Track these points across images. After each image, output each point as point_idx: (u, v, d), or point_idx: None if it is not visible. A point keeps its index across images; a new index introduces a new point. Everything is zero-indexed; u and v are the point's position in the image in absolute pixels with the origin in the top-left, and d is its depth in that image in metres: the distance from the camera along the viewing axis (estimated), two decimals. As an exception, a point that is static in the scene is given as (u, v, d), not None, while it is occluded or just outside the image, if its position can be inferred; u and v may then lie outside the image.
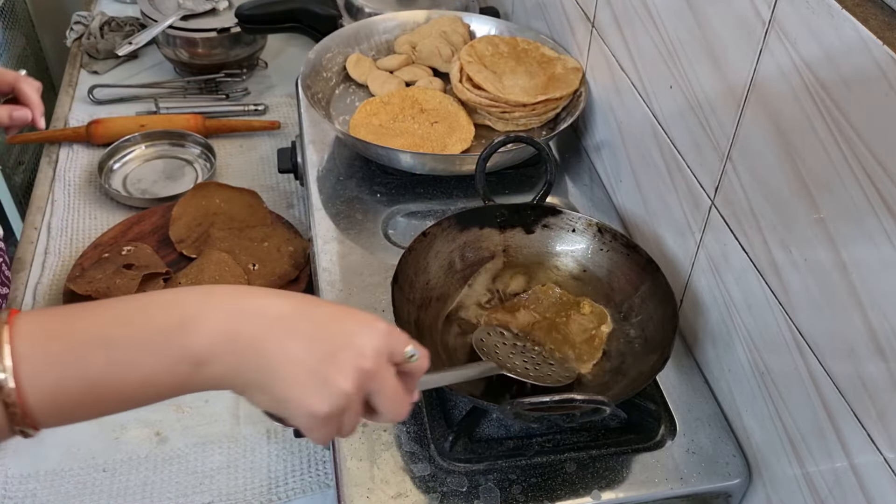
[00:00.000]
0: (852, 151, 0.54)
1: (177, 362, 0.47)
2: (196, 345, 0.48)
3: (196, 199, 1.17)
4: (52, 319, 0.47)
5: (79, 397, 0.46)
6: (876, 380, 0.54)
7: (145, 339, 0.47)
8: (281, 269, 1.08)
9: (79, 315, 0.48)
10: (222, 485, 0.86)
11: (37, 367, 0.45)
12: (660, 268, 0.77)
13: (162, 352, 0.47)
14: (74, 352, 0.46)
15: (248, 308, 0.50)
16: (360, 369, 0.49)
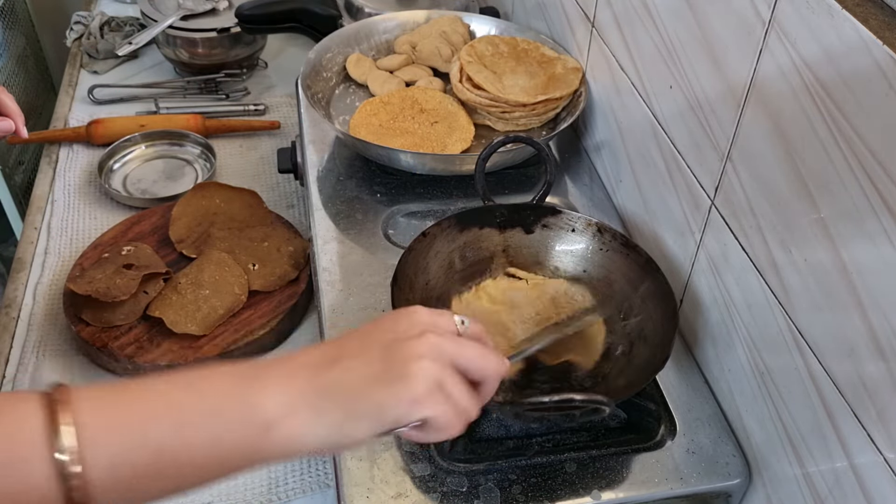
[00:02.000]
0: (852, 151, 0.54)
1: (246, 425, 0.44)
2: (262, 404, 0.45)
3: (196, 199, 1.17)
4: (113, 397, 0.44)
5: (142, 469, 0.42)
6: (876, 380, 0.54)
7: (212, 405, 0.44)
8: (281, 270, 1.08)
9: (140, 388, 0.45)
10: (222, 484, 0.86)
11: (97, 439, 0.41)
12: (660, 268, 0.78)
13: (231, 417, 0.44)
14: (142, 434, 0.42)
15: (296, 364, 0.47)
16: (425, 343, 0.47)
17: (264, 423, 0.44)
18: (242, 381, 0.46)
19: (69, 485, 0.40)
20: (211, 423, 0.44)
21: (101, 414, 0.42)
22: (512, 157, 0.97)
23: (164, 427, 0.43)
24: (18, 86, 1.75)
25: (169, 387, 0.45)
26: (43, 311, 1.06)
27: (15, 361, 0.96)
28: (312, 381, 0.46)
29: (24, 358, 0.97)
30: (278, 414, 0.45)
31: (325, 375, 0.46)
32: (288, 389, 0.46)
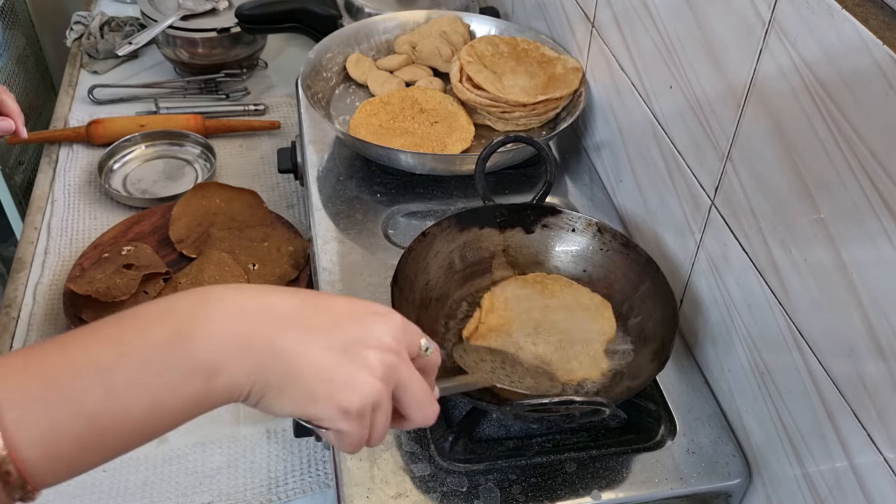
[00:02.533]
0: (852, 151, 0.54)
1: (184, 378, 0.41)
2: (201, 354, 0.42)
3: (196, 199, 1.17)
4: (30, 357, 0.40)
5: (79, 440, 0.39)
6: (876, 380, 0.54)
7: (143, 357, 0.41)
8: (281, 270, 1.08)
9: (59, 347, 0.41)
10: (222, 485, 0.86)
11: (23, 416, 0.37)
12: (660, 268, 0.77)
13: (165, 369, 0.41)
14: (63, 387, 0.39)
15: (251, 307, 0.44)
16: (385, 361, 0.46)
17: (205, 373, 0.42)
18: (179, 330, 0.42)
19: (3, 470, 0.37)
20: (146, 384, 0.40)
21: (21, 390, 0.38)
22: (512, 157, 0.97)
23: (95, 394, 0.39)
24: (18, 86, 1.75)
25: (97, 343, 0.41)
26: (43, 311, 1.06)
27: (15, 361, 0.96)
28: (261, 340, 0.43)
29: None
30: (217, 363, 0.42)
31: (275, 339, 0.44)
32: (231, 341, 0.42)
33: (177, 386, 0.41)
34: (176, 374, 0.41)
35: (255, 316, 0.44)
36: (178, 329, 0.42)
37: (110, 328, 0.43)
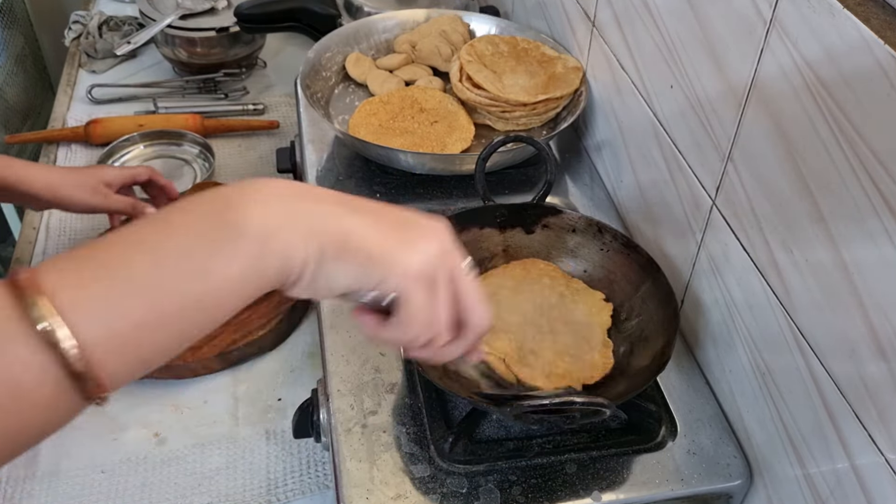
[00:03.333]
0: (854, 151, 0.54)
1: (236, 242, 0.39)
2: (254, 218, 0.39)
3: None
4: (79, 247, 0.38)
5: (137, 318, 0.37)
6: (877, 380, 0.54)
7: (191, 227, 0.39)
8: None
9: (108, 237, 0.39)
10: (221, 486, 0.86)
11: (78, 296, 0.36)
12: (660, 268, 0.77)
13: (216, 234, 0.39)
14: (114, 264, 0.37)
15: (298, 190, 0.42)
16: (440, 242, 0.45)
17: (256, 237, 0.40)
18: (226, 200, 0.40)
19: (63, 354, 0.34)
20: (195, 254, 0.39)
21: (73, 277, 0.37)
22: (512, 157, 0.97)
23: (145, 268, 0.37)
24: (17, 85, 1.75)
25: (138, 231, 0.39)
26: (41, 312, 1.05)
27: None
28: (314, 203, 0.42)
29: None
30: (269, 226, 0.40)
31: (326, 203, 0.42)
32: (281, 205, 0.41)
33: (229, 251, 0.39)
34: (227, 238, 0.39)
35: (304, 193, 0.42)
36: (226, 201, 0.40)
37: (158, 214, 0.41)
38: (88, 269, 0.37)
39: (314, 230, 0.41)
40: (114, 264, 0.37)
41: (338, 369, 0.76)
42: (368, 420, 0.72)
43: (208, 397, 0.94)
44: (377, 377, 0.75)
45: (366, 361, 0.77)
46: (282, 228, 0.40)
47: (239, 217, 0.39)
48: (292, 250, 0.41)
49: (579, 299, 0.79)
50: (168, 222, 0.40)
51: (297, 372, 0.97)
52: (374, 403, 0.73)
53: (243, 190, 0.41)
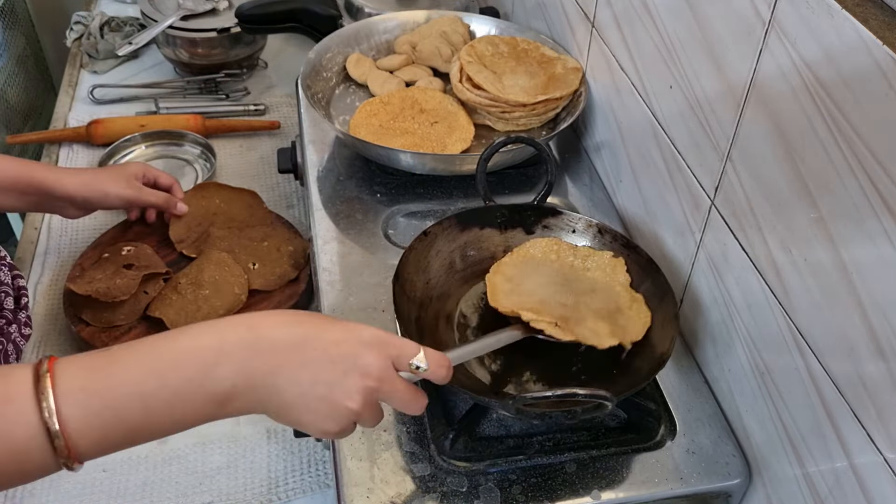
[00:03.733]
0: (852, 151, 0.54)
1: (204, 404, 0.54)
2: (219, 389, 0.54)
3: (196, 200, 1.17)
4: (91, 375, 0.53)
5: (119, 442, 0.53)
6: (876, 380, 0.55)
7: (175, 389, 0.53)
8: (281, 269, 1.08)
9: (114, 368, 0.53)
10: (222, 485, 0.86)
11: (82, 424, 0.51)
12: (660, 268, 0.78)
13: (191, 398, 0.54)
14: (115, 408, 0.52)
15: (262, 345, 0.55)
16: (366, 388, 0.56)
17: (219, 401, 0.55)
18: (205, 370, 0.54)
19: (52, 438, 0.50)
20: (174, 408, 0.54)
21: (83, 407, 0.51)
22: (512, 158, 0.97)
23: (136, 414, 0.53)
24: (18, 86, 1.75)
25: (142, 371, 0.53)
26: (43, 311, 1.06)
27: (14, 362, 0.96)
28: (264, 379, 0.55)
29: (25, 358, 0.97)
30: (231, 395, 0.55)
31: (275, 377, 0.55)
32: (243, 380, 0.55)
33: (198, 408, 0.54)
34: (198, 403, 0.54)
35: (263, 353, 0.55)
36: (204, 369, 0.54)
37: (154, 360, 0.54)
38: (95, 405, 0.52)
39: (262, 399, 0.55)
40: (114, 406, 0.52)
41: (338, 368, 0.76)
42: (369, 419, 0.72)
43: (209, 397, 0.94)
44: (378, 376, 0.76)
45: (366, 361, 0.77)
46: (238, 396, 0.55)
47: (209, 386, 0.54)
48: (246, 409, 0.56)
49: (591, 264, 0.80)
50: (161, 376, 0.53)
51: (298, 371, 0.97)
52: (374, 402, 0.73)
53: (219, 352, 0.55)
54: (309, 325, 0.57)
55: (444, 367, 0.59)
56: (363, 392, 0.56)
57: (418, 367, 0.58)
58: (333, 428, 0.56)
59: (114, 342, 0.96)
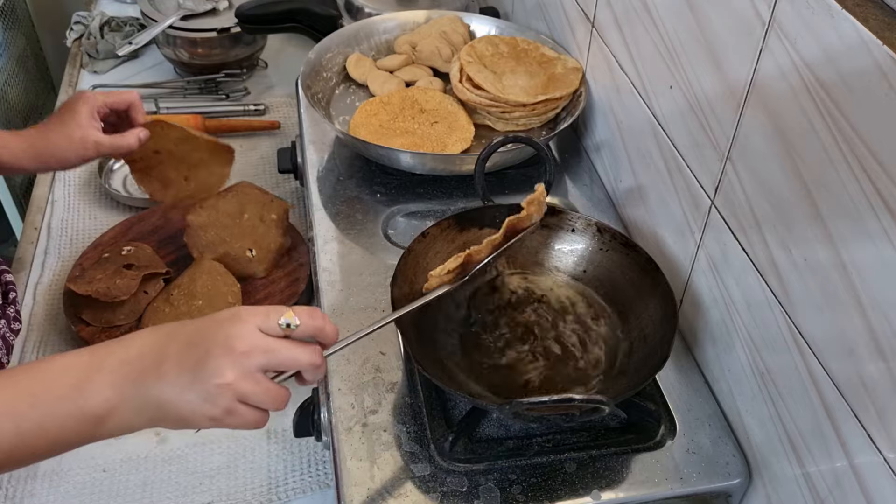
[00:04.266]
0: (852, 151, 0.54)
1: (79, 423, 0.54)
2: (93, 404, 0.54)
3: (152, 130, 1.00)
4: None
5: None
6: (876, 380, 0.54)
7: (48, 409, 0.53)
8: (275, 243, 1.08)
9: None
10: (222, 485, 0.86)
11: None
12: (659, 267, 0.77)
13: (65, 418, 0.54)
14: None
15: (130, 354, 0.56)
16: (234, 361, 0.54)
17: (95, 419, 0.54)
18: (77, 386, 0.54)
19: None
20: (48, 428, 0.53)
21: None
22: (512, 157, 0.97)
23: (9, 436, 0.53)
24: (18, 86, 1.75)
25: (14, 393, 0.54)
26: (43, 311, 1.06)
27: (15, 361, 0.96)
28: (135, 383, 0.55)
29: (24, 358, 0.97)
30: (105, 411, 0.54)
31: (144, 378, 0.55)
32: (114, 391, 0.54)
33: (73, 428, 0.54)
34: (72, 422, 0.54)
35: (132, 363, 0.55)
36: (76, 384, 0.54)
37: (28, 380, 0.55)
38: None
39: (137, 408, 0.55)
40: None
41: (338, 368, 0.76)
42: (369, 419, 0.72)
43: (209, 397, 0.94)
44: (378, 376, 0.76)
45: (366, 361, 0.77)
46: (113, 411, 0.55)
47: (83, 402, 0.54)
48: (126, 424, 0.56)
49: None
50: (33, 395, 0.54)
51: (298, 371, 0.97)
52: (374, 402, 0.73)
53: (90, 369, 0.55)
54: (173, 326, 0.57)
55: (317, 317, 0.57)
56: (232, 365, 0.53)
57: (289, 325, 0.56)
58: (215, 411, 0.54)
59: (114, 342, 0.96)
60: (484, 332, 0.78)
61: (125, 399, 0.54)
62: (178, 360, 0.55)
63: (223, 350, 0.54)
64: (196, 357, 0.54)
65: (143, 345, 0.56)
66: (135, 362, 0.55)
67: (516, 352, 0.76)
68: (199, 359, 0.54)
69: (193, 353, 0.54)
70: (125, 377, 0.55)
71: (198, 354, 0.54)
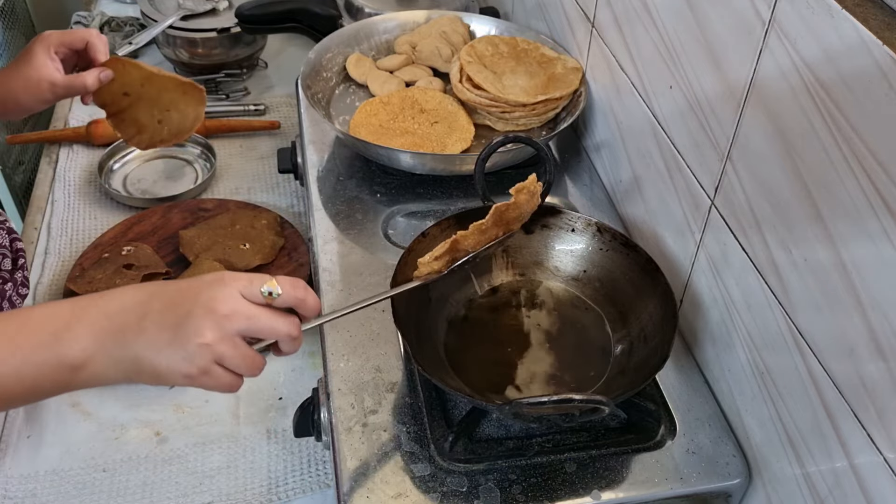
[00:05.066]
0: (852, 151, 0.54)
1: (55, 370, 0.55)
2: (71, 353, 0.55)
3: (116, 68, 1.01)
4: None
5: None
6: (876, 380, 0.54)
7: (26, 354, 0.54)
8: (268, 240, 1.09)
9: None
10: (222, 485, 0.86)
11: None
12: (659, 267, 0.77)
13: (42, 364, 0.55)
14: None
15: (111, 308, 0.56)
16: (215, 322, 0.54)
17: (71, 368, 0.55)
18: (56, 334, 0.55)
19: None
20: (26, 373, 0.55)
21: None
22: (512, 157, 0.97)
23: None
24: (18, 86, 1.75)
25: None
26: (43, 311, 1.06)
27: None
28: (114, 336, 0.56)
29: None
30: (82, 361, 0.55)
31: (124, 333, 0.55)
32: (93, 342, 0.55)
33: (49, 375, 0.55)
34: (48, 368, 0.55)
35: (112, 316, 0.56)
36: (55, 332, 0.55)
37: (8, 327, 0.56)
38: None
39: (114, 359, 0.56)
40: None
41: (338, 368, 0.76)
42: (369, 419, 0.72)
43: (209, 396, 0.94)
44: (378, 376, 0.76)
45: (366, 360, 0.77)
46: (89, 361, 0.55)
47: (60, 350, 0.55)
48: (101, 375, 0.56)
49: None
50: (12, 341, 0.55)
51: (298, 371, 0.98)
52: (374, 402, 0.73)
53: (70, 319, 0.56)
54: (158, 284, 0.58)
55: (299, 288, 0.58)
56: (213, 326, 0.54)
57: (271, 293, 0.57)
58: (192, 370, 0.55)
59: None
60: (484, 333, 0.78)
61: (103, 351, 0.55)
62: (159, 317, 0.56)
63: (205, 311, 0.55)
64: (177, 316, 0.55)
65: (126, 300, 0.57)
66: (116, 316, 0.56)
67: (517, 352, 0.77)
68: (180, 318, 0.55)
69: (175, 312, 0.55)
70: (105, 330, 0.56)
71: (179, 313, 0.55)
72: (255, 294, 0.57)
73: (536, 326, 0.79)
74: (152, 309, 0.56)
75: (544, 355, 0.76)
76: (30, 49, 0.90)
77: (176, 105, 1.01)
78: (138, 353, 0.55)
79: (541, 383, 0.74)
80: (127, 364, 0.56)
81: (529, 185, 0.74)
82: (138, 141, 1.02)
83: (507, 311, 0.81)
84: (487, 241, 0.74)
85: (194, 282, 0.57)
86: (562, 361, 0.76)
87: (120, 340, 0.55)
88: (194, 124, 1.01)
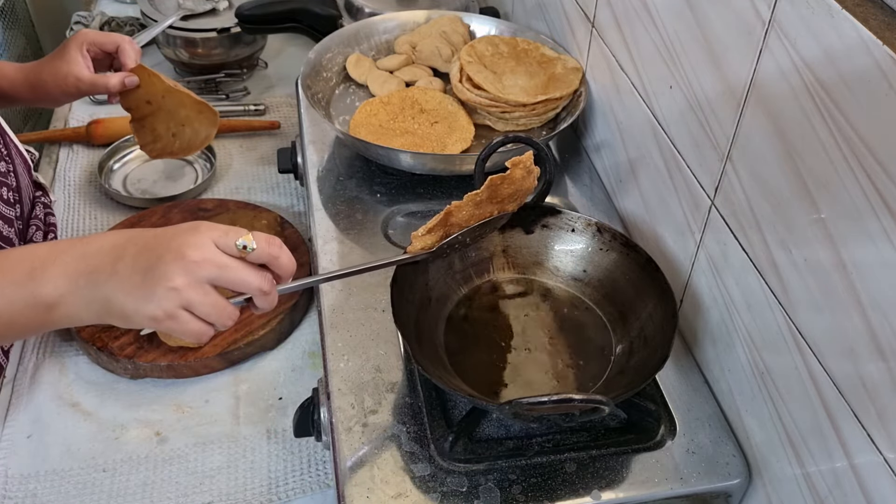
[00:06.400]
0: (852, 151, 0.54)
1: (28, 307, 0.57)
2: (45, 292, 0.57)
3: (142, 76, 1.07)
4: None
5: None
6: (876, 380, 0.54)
7: (2, 288, 0.57)
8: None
9: None
10: (222, 485, 0.86)
11: None
12: (659, 267, 0.78)
13: (16, 301, 0.57)
14: None
15: (89, 250, 0.58)
16: (185, 267, 0.55)
17: (45, 307, 0.57)
18: (32, 273, 0.57)
19: None
20: (1, 306, 0.57)
21: None
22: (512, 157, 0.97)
23: None
24: (18, 86, 1.75)
25: None
26: (43, 311, 1.06)
27: (14, 362, 0.96)
28: (87, 277, 0.57)
29: (24, 358, 0.97)
30: (55, 300, 0.57)
31: (97, 274, 0.57)
32: (66, 281, 0.57)
33: (24, 313, 0.58)
34: (22, 306, 0.57)
35: (88, 256, 0.58)
36: (31, 271, 0.57)
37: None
38: None
39: (87, 299, 0.57)
40: None
41: (338, 368, 0.76)
42: (369, 419, 0.72)
43: (209, 396, 0.94)
44: (378, 376, 0.76)
45: (366, 360, 0.77)
46: (63, 300, 0.58)
47: (34, 288, 0.57)
48: (75, 315, 0.59)
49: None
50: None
51: (298, 371, 0.98)
52: (374, 402, 0.73)
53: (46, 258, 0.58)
54: (136, 231, 0.59)
55: (274, 245, 0.59)
56: (182, 272, 0.55)
57: (245, 247, 0.57)
58: (157, 312, 0.56)
59: (113, 342, 0.96)
60: (484, 333, 0.78)
61: (76, 290, 0.57)
62: (132, 260, 0.57)
63: (175, 256, 0.56)
64: (149, 260, 0.56)
65: (103, 244, 0.59)
66: (91, 258, 0.58)
67: (517, 352, 0.77)
68: (151, 262, 0.56)
69: (148, 256, 0.57)
70: (79, 271, 0.57)
71: (151, 258, 0.56)
72: (229, 245, 0.57)
73: (536, 326, 0.79)
74: (127, 252, 0.57)
75: (544, 355, 0.76)
76: (65, 44, 0.96)
77: (191, 122, 1.05)
78: (108, 294, 0.57)
79: (541, 383, 0.74)
80: (98, 305, 0.57)
81: (526, 160, 0.74)
82: (151, 149, 1.07)
83: (507, 311, 0.81)
84: (481, 217, 0.73)
85: (171, 229, 0.58)
86: (562, 361, 0.76)
87: (92, 281, 0.57)
88: (203, 144, 1.06)
